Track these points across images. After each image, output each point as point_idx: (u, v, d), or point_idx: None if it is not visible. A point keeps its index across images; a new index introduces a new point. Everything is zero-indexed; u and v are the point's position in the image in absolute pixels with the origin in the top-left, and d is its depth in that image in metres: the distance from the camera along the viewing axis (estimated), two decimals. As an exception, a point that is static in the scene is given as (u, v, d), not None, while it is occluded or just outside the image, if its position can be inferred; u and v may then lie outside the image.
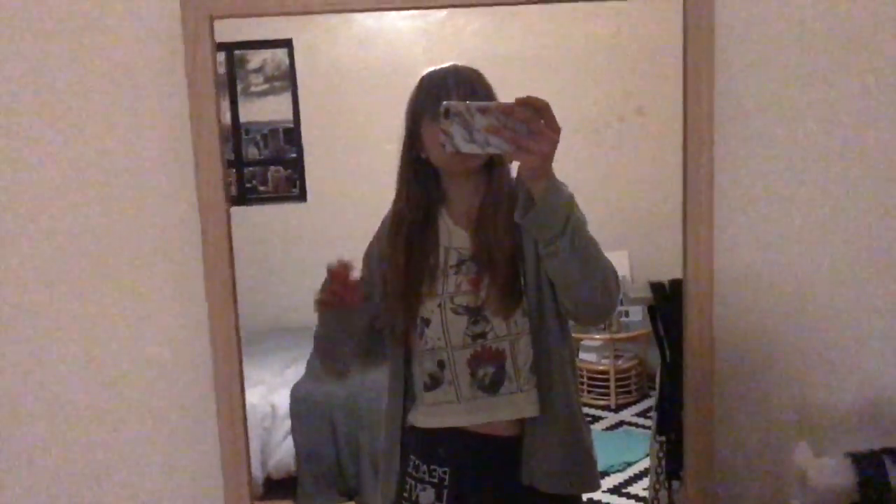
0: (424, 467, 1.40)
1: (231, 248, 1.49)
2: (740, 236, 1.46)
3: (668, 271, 1.63)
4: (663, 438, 1.64)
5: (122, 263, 1.50)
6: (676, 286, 1.55)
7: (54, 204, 1.49)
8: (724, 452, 1.50)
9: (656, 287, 1.63)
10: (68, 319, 1.51)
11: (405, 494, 1.41)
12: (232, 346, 1.49)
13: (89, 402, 1.53)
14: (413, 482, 1.42)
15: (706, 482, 1.48)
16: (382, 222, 1.46)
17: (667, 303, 1.59)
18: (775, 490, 1.48)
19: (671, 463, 1.61)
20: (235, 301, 1.50)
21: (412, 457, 1.42)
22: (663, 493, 1.64)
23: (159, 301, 1.52)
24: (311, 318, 4.12)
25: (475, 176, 1.36)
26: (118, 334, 1.52)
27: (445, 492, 1.39)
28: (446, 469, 1.38)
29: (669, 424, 1.58)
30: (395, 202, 1.43)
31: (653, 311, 1.66)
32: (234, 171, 4.37)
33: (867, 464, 1.02)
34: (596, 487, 1.46)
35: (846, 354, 1.49)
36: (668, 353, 1.59)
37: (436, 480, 1.39)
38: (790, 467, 1.11)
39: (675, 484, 1.60)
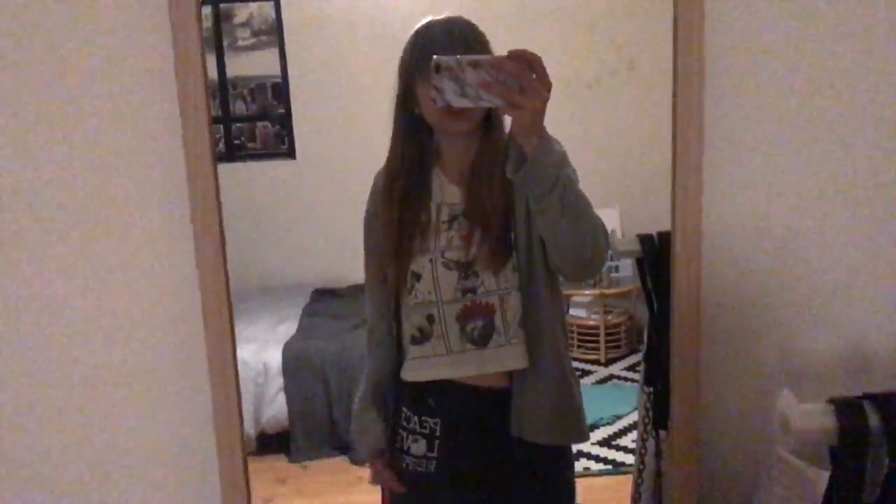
0: (416, 419, 1.40)
1: (220, 206, 1.47)
2: (729, 188, 1.46)
3: (658, 227, 1.64)
4: (651, 389, 1.64)
5: (111, 222, 1.49)
6: (665, 238, 1.51)
7: (40, 165, 1.47)
8: (710, 401, 1.52)
9: (645, 239, 1.63)
10: (56, 280, 1.50)
11: (397, 446, 1.43)
12: (222, 304, 1.49)
13: (78, 363, 1.53)
14: (405, 434, 1.41)
15: (692, 430, 1.50)
16: (375, 180, 1.46)
17: (655, 255, 1.59)
18: (760, 438, 1.50)
19: (658, 413, 1.58)
20: (225, 259, 1.49)
21: (403, 409, 1.44)
22: (651, 443, 1.68)
23: (149, 260, 1.51)
24: (300, 275, 4.13)
25: (469, 133, 1.36)
26: (107, 293, 1.51)
27: (437, 443, 1.38)
28: (437, 420, 1.38)
29: (657, 375, 1.60)
30: (389, 159, 1.42)
31: (641, 264, 1.66)
32: (222, 127, 4.33)
33: (847, 409, 1.01)
34: (584, 438, 1.44)
35: (830, 305, 1.48)
36: (655, 305, 1.61)
37: (427, 432, 1.39)
38: (774, 414, 1.13)
39: (662, 433, 1.58)
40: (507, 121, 1.26)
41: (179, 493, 1.59)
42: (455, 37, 1.26)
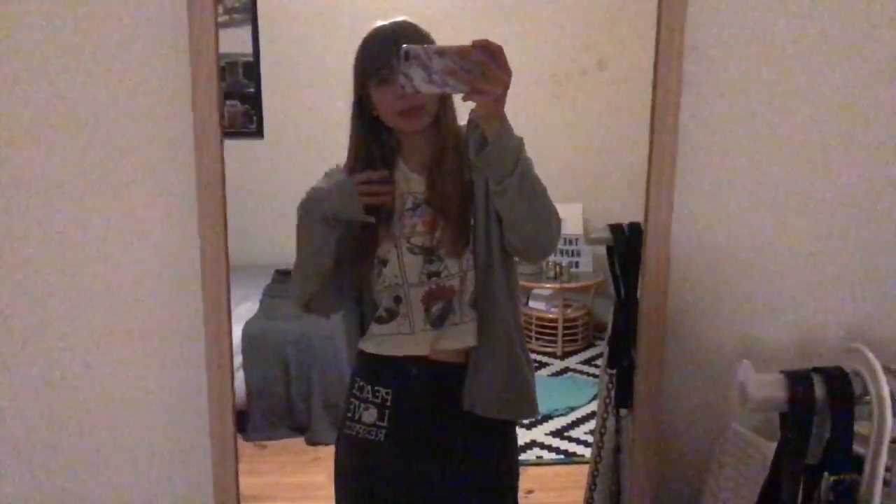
0: (369, 388, 1.44)
1: (223, 180, 1.53)
2: (699, 184, 1.55)
3: (620, 221, 1.69)
4: (614, 371, 1.70)
5: (116, 192, 1.53)
6: (634, 228, 1.63)
7: (54, 134, 1.49)
8: (672, 379, 1.59)
9: (615, 229, 1.68)
10: (67, 250, 1.54)
11: (349, 415, 1.46)
12: (221, 277, 1.59)
13: (84, 326, 1.57)
14: (357, 402, 1.45)
15: (655, 406, 1.58)
16: (326, 176, 1.48)
17: (625, 244, 1.68)
18: (717, 414, 1.58)
19: (620, 393, 1.68)
20: (226, 231, 1.58)
21: (358, 379, 1.47)
22: (611, 421, 1.74)
23: (151, 233, 1.56)
24: (263, 256, 4.10)
25: (425, 130, 1.41)
26: (113, 264, 1.57)
27: (387, 412, 1.43)
28: (389, 390, 1.42)
29: (620, 358, 1.66)
30: (349, 160, 1.46)
31: (610, 252, 1.74)
32: (190, 103, 4.25)
33: (797, 380, 1.11)
34: (533, 415, 1.48)
35: (786, 296, 1.58)
36: (623, 291, 1.67)
37: (378, 401, 1.44)
38: (733, 388, 1.22)
39: (623, 412, 1.69)
40: (461, 115, 1.36)
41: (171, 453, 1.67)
42: (402, 39, 1.30)
